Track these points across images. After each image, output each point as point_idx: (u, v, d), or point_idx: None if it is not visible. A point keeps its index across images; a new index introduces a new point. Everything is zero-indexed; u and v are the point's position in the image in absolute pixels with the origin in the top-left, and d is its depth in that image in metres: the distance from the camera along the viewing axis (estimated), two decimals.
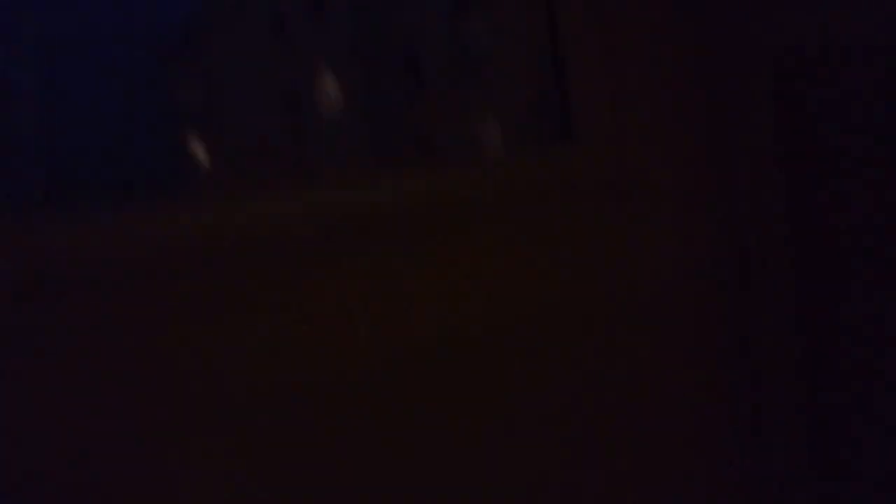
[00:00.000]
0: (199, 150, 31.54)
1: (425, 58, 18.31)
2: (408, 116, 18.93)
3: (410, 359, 1.92)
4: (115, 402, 1.47)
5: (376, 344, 1.83)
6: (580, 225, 2.41)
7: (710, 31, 3.00)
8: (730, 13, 2.94)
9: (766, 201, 2.96)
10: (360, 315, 1.82)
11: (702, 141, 3.01)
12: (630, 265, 2.61)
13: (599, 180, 2.47)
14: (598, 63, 2.55)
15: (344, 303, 1.80)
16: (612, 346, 2.51)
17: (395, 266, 1.90)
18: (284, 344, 1.70)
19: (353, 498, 1.81)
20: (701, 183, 2.96)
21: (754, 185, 2.99)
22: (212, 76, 28.11)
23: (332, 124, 21.18)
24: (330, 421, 1.78)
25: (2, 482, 1.28)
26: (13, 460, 1.34)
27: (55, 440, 1.40)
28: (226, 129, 27.03)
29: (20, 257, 1.29)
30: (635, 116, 2.73)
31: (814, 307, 2.95)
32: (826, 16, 2.64)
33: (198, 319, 1.55)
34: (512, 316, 2.20)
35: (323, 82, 21.76)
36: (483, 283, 2.08)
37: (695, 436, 2.82)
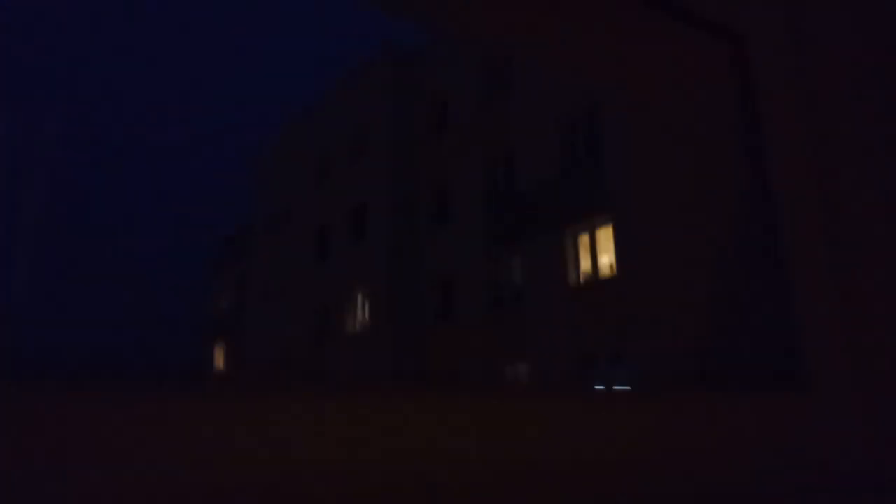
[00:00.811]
0: (225, 353, 31.72)
1: (460, 289, 18.65)
2: (433, 346, 19.03)
3: None
4: None
5: None
6: None
7: None
8: None
9: None
10: None
11: None
12: None
13: None
14: None
15: None
16: None
17: None
18: None
19: None
20: None
21: None
22: (251, 285, 29.01)
23: (359, 341, 21.38)
24: None
25: None
26: None
27: None
28: (255, 336, 27.41)
29: None
30: None
31: None
32: None
33: None
34: None
35: (355, 302, 22.34)
36: None
37: None
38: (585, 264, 15.63)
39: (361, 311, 22.09)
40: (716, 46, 2.87)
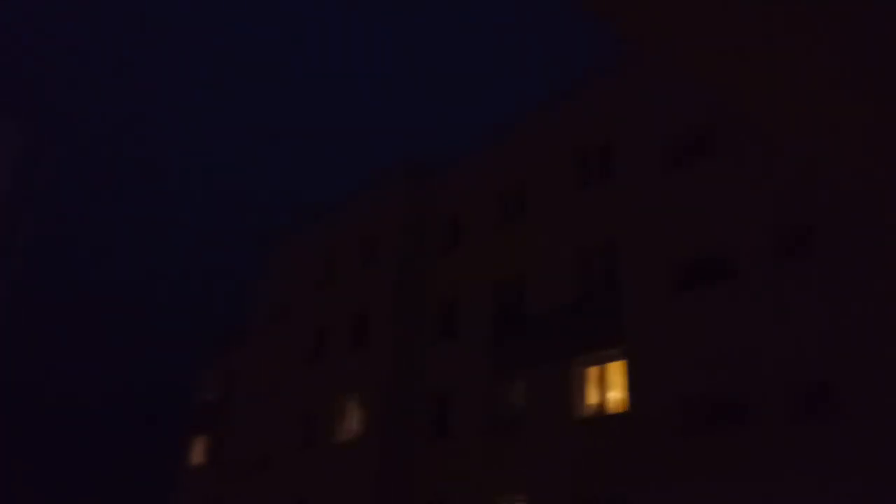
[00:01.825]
0: (205, 447, 30.49)
1: (458, 407, 18.18)
2: (424, 466, 18.35)
3: None
4: None
5: None
6: None
7: None
8: None
9: None
10: None
11: None
12: None
13: None
14: None
15: None
16: None
17: None
18: None
19: None
20: None
21: None
22: (240, 381, 28.29)
23: (346, 451, 20.62)
24: None
25: None
26: None
27: None
28: (239, 433, 26.46)
29: None
30: None
31: None
32: None
33: None
34: None
35: (346, 410, 21.73)
36: None
37: None
38: (593, 398, 15.35)
39: (351, 420, 21.46)
40: None
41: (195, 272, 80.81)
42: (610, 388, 15.11)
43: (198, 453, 30.55)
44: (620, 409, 14.66)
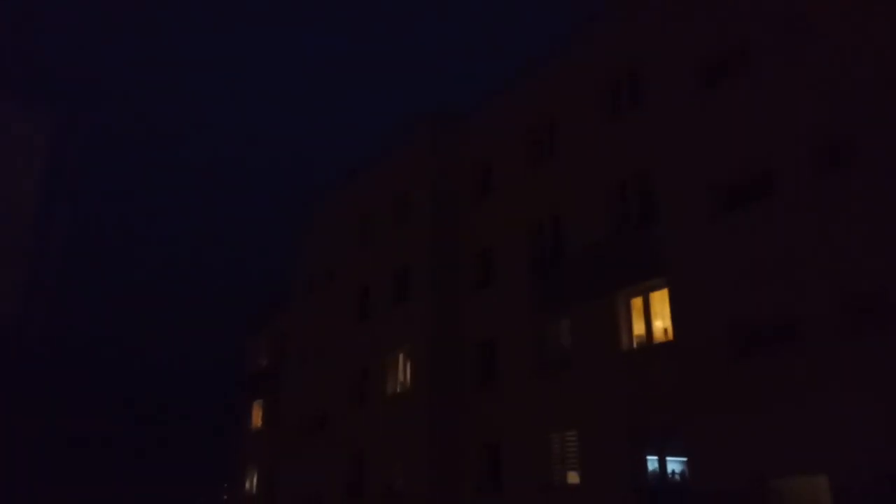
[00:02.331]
0: (263, 411, 31.42)
1: (503, 353, 18.25)
2: (474, 412, 18.53)
3: None
4: None
5: None
6: None
7: None
8: None
9: None
10: None
11: None
12: None
13: None
14: None
15: None
16: None
17: None
18: None
19: None
20: None
21: None
22: (290, 344, 28.89)
23: (398, 403, 20.97)
24: None
25: None
26: None
27: None
28: (293, 395, 27.13)
29: None
30: None
31: None
32: None
33: None
34: None
35: (396, 363, 22.04)
36: None
37: None
38: (639, 329, 15.22)
39: (403, 373, 21.77)
40: None
41: (237, 244, 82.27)
42: (655, 318, 14.95)
43: (256, 417, 31.54)
44: (667, 339, 14.53)
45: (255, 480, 30.71)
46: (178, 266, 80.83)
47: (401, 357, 21.91)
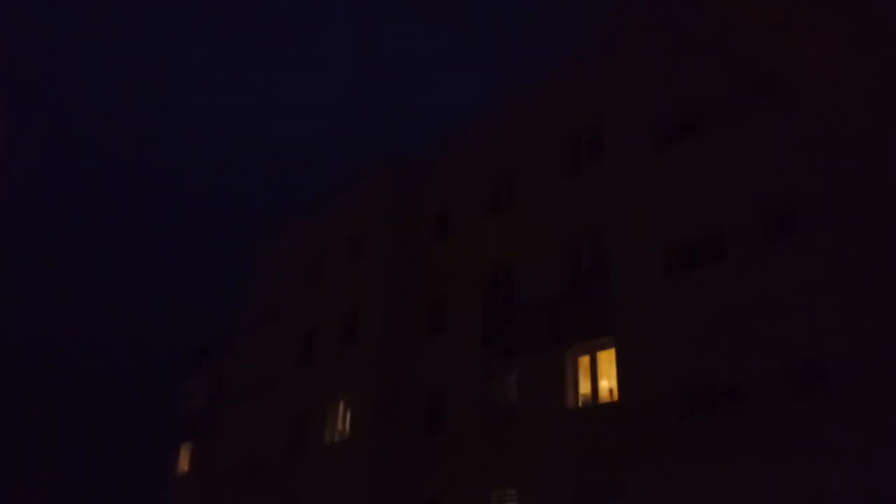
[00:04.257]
0: (188, 458, 29.92)
1: (451, 402, 17.73)
2: (416, 464, 17.86)
3: None
4: None
5: None
6: None
7: None
8: None
9: None
10: None
11: None
12: None
13: None
14: None
15: None
16: None
17: None
18: None
19: None
20: None
21: None
22: (228, 386, 27.78)
23: (334, 451, 20.11)
24: None
25: None
26: None
27: None
28: (228, 440, 25.93)
29: None
30: None
31: None
32: None
33: None
34: None
35: (336, 410, 21.23)
36: None
37: None
38: (584, 387, 14.94)
39: (343, 421, 20.98)
40: None
41: (181, 276, 79.99)
42: (601, 377, 14.71)
43: (184, 461, 29.96)
44: (612, 399, 14.27)
45: None
46: (125, 296, 78.07)
47: (341, 404, 21.16)
